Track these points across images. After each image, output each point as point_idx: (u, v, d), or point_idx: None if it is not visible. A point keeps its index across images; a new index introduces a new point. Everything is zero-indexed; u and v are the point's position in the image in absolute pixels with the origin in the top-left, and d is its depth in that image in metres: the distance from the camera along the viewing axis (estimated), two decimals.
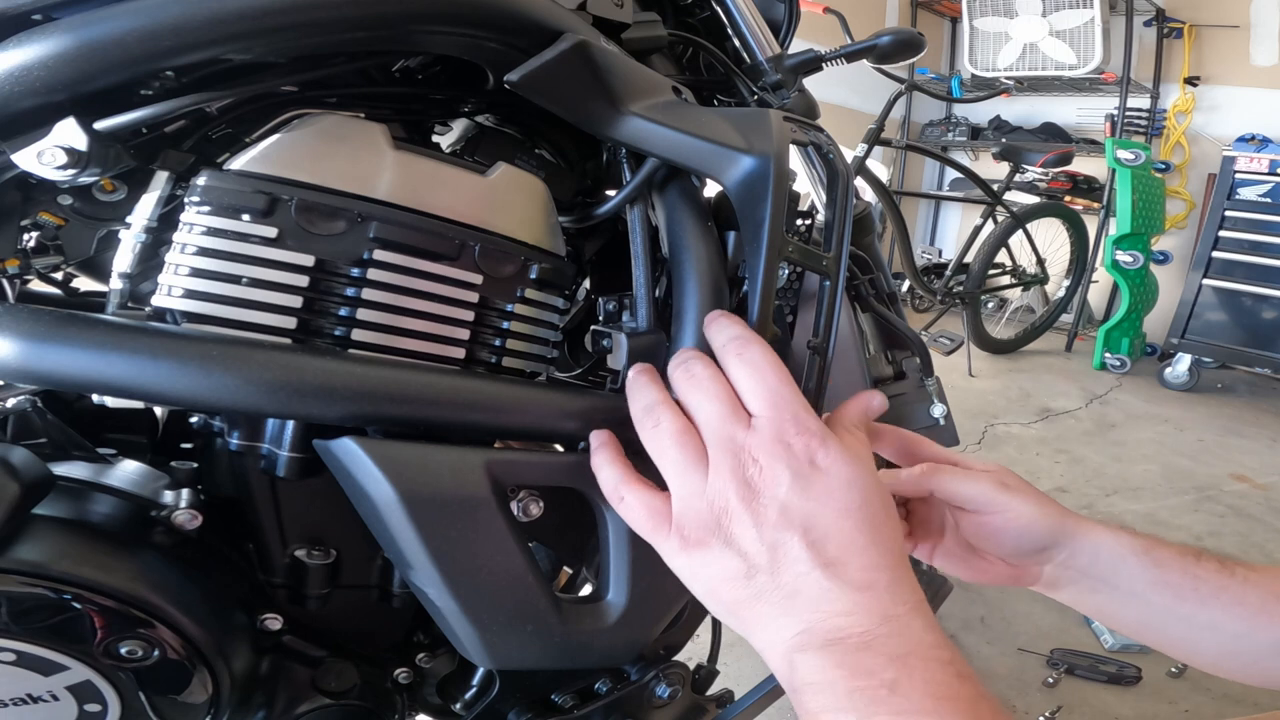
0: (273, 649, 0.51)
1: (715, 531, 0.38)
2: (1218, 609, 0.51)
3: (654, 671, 0.63)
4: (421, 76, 0.57)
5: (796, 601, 0.36)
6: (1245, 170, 3.18)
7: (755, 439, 0.38)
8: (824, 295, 0.52)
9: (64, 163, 0.40)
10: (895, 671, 0.33)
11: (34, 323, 0.38)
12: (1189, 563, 0.52)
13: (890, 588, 0.36)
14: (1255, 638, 0.51)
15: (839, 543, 0.36)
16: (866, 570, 0.36)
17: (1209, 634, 0.52)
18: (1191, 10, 3.83)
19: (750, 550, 0.37)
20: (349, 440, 0.41)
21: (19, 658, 0.41)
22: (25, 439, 0.47)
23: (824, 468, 0.37)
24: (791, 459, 0.37)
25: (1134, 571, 0.52)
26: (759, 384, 0.39)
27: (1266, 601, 0.51)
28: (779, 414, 0.38)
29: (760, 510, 0.37)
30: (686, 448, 0.39)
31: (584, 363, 0.71)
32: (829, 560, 0.36)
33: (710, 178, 0.51)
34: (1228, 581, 0.52)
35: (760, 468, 0.37)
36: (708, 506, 0.38)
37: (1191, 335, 3.35)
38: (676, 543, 0.39)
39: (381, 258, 0.46)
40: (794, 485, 0.37)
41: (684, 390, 0.41)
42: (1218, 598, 0.51)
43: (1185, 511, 2.23)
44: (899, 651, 0.34)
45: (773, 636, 0.37)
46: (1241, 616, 0.51)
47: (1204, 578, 0.52)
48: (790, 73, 0.73)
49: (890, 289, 1.15)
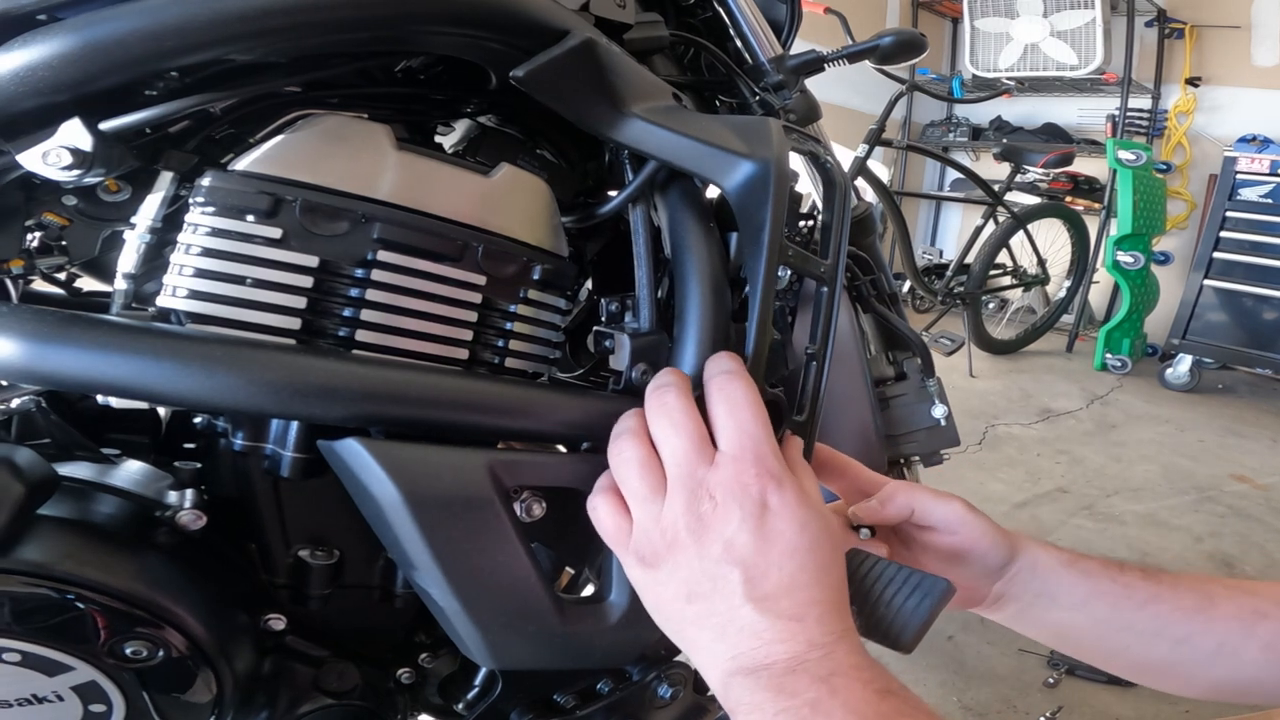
0: (275, 649, 0.52)
1: (664, 557, 0.40)
2: (1156, 614, 0.52)
3: (655, 672, 0.63)
4: (424, 77, 0.57)
5: (729, 630, 0.38)
6: (1246, 171, 3.18)
7: (715, 476, 0.40)
8: (821, 301, 0.52)
9: (69, 163, 0.40)
10: (817, 691, 0.35)
11: (38, 323, 0.38)
12: (1114, 572, 0.54)
13: (820, 619, 0.38)
14: (1196, 644, 0.51)
15: (777, 580, 0.39)
16: (801, 605, 0.38)
17: (1152, 642, 0.52)
18: (1193, 11, 3.82)
19: (692, 579, 0.40)
20: (353, 441, 0.42)
21: (24, 658, 0.41)
22: (29, 439, 0.47)
23: (775, 510, 0.40)
24: (746, 499, 0.39)
25: (1069, 583, 0.53)
26: (732, 420, 0.42)
27: (1201, 604, 0.52)
28: (743, 453, 0.41)
29: (706, 544, 0.39)
30: (646, 478, 0.42)
31: (586, 363, 0.71)
32: (763, 595, 0.38)
33: (711, 181, 0.51)
34: (1157, 589, 0.53)
35: (715, 504, 0.40)
36: (660, 534, 0.41)
37: (1192, 336, 3.35)
38: (634, 559, 0.42)
39: (385, 258, 0.46)
40: (743, 524, 0.39)
41: (654, 420, 0.43)
42: (1154, 604, 0.52)
43: (1185, 512, 2.23)
44: (823, 674, 0.36)
45: (708, 659, 0.39)
46: (1180, 621, 0.52)
47: (1133, 584, 0.53)
48: (792, 73, 0.73)
49: (891, 290, 1.15)
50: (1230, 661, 0.51)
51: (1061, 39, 3.71)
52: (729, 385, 0.43)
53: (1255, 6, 3.71)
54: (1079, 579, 0.53)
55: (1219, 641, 0.51)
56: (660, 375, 0.45)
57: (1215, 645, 0.51)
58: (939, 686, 1.40)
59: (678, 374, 0.45)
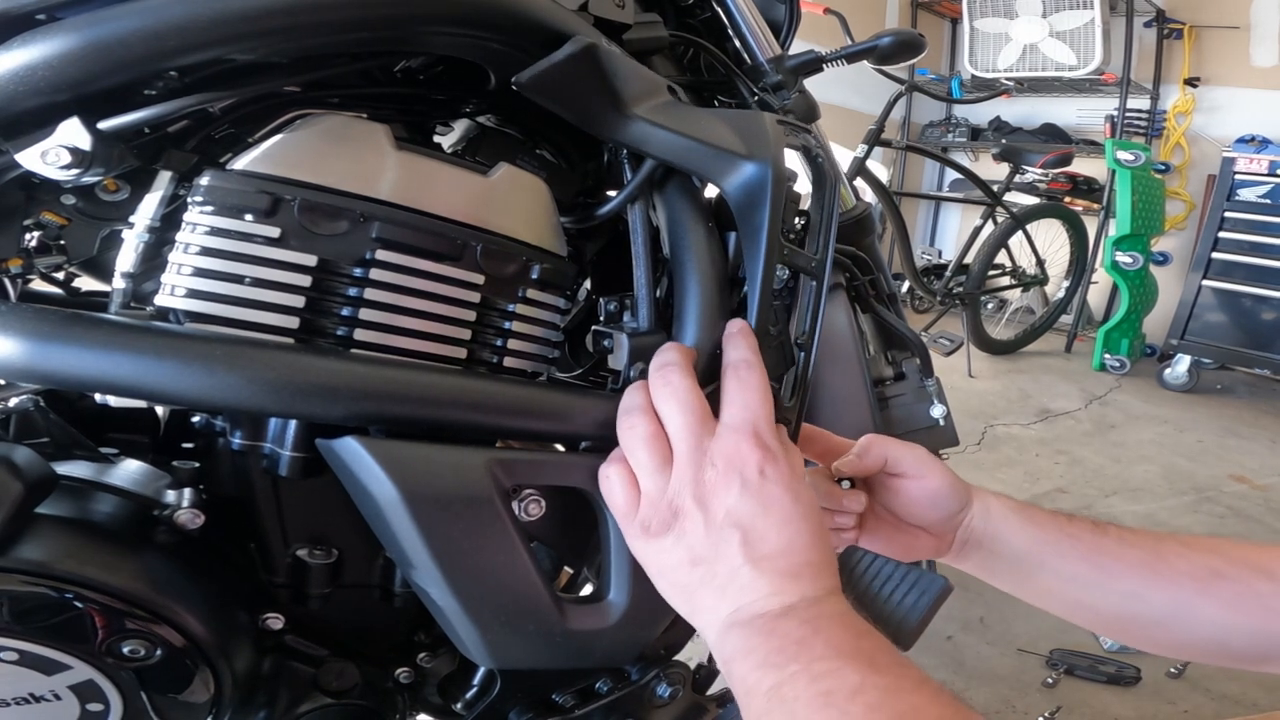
0: (274, 648, 0.52)
1: (671, 526, 0.43)
2: (1100, 565, 0.54)
3: (655, 671, 0.64)
4: (423, 77, 0.57)
5: (730, 588, 0.42)
6: (1245, 171, 3.18)
7: (717, 445, 0.43)
8: (810, 294, 0.52)
9: (68, 162, 0.40)
10: (802, 631, 0.39)
11: (37, 322, 0.38)
12: (1061, 522, 0.57)
13: (813, 578, 0.42)
14: (1148, 599, 0.53)
15: (775, 542, 0.42)
16: (796, 565, 0.42)
17: (1101, 595, 0.54)
18: (1191, 11, 3.82)
19: (697, 544, 0.43)
20: (351, 440, 0.42)
21: (21, 657, 0.41)
22: (28, 438, 0.47)
23: (772, 479, 0.43)
24: (746, 468, 0.43)
25: (1016, 531, 0.56)
26: (740, 398, 0.45)
27: (1149, 559, 0.54)
28: (744, 425, 0.44)
29: (711, 510, 0.42)
30: (654, 452, 0.44)
31: (585, 363, 0.71)
32: (761, 555, 0.42)
33: (710, 181, 0.51)
34: (1102, 540, 0.55)
35: (717, 472, 0.43)
36: (666, 504, 0.43)
37: (1191, 336, 3.35)
38: (638, 530, 0.45)
39: (384, 258, 0.46)
40: (744, 491, 0.42)
41: (659, 396, 0.46)
42: (1098, 555, 0.55)
43: (1184, 512, 2.23)
44: (809, 618, 0.40)
45: (710, 617, 0.42)
46: (1125, 574, 0.54)
47: (1079, 536, 0.55)
48: (791, 74, 0.73)
49: (890, 290, 1.15)
50: (1187, 620, 0.53)
51: (1060, 39, 3.71)
52: (746, 371, 0.46)
53: (1254, 7, 3.72)
54: (1025, 526, 0.56)
55: (1171, 598, 0.53)
56: (663, 352, 0.47)
57: (1168, 601, 0.53)
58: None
59: (680, 350, 0.47)
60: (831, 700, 0.35)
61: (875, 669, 0.37)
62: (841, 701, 0.35)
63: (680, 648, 0.69)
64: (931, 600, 0.45)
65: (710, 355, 0.49)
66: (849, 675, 0.36)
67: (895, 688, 0.36)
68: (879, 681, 0.36)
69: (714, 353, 0.49)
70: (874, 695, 0.35)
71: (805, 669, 0.37)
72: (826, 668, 0.37)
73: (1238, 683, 1.46)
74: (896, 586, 0.45)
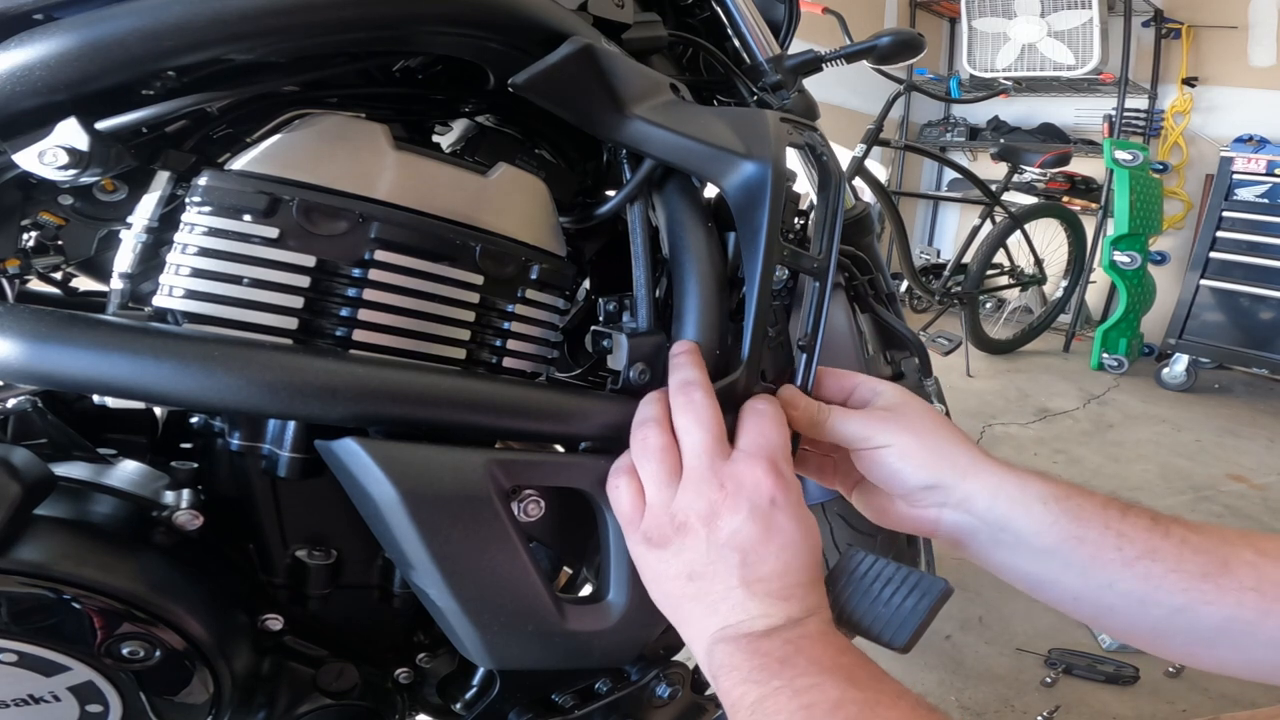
0: (274, 649, 0.51)
1: (672, 539, 0.44)
2: (1150, 576, 0.44)
3: (654, 671, 0.63)
4: (422, 77, 0.57)
5: (721, 606, 0.43)
6: (1243, 171, 3.18)
7: (730, 469, 0.44)
8: (813, 295, 0.52)
9: (65, 163, 0.40)
10: (787, 650, 0.40)
11: (35, 323, 0.38)
12: (1112, 516, 0.45)
13: (801, 598, 0.43)
14: (1197, 613, 0.43)
15: (772, 567, 0.43)
16: (788, 588, 0.43)
17: (1141, 610, 0.44)
18: (1190, 11, 3.83)
19: (696, 560, 0.44)
20: (350, 440, 0.42)
21: (20, 658, 0.40)
22: (26, 439, 0.47)
23: (781, 507, 0.44)
24: (756, 494, 0.44)
25: (1041, 520, 0.46)
26: (756, 428, 0.47)
27: (1211, 570, 0.43)
28: (759, 453, 0.45)
29: (715, 530, 0.43)
30: (665, 464, 0.45)
31: (584, 363, 0.71)
32: (757, 578, 0.43)
33: (710, 181, 0.51)
34: (1160, 543, 0.44)
35: (726, 495, 0.44)
36: (670, 518, 0.44)
37: (1189, 336, 3.35)
38: (640, 538, 0.45)
39: (382, 258, 0.46)
40: (751, 516, 0.43)
41: (679, 413, 0.46)
42: (1150, 562, 0.44)
43: (1182, 512, 2.23)
44: (793, 637, 0.41)
45: (697, 629, 0.44)
46: (1179, 589, 0.43)
47: (1130, 536, 0.44)
48: (790, 73, 0.73)
49: (889, 289, 1.16)
50: (1241, 640, 0.43)
51: (1059, 39, 3.71)
52: (762, 403, 0.49)
53: (1252, 7, 3.72)
54: (1058, 517, 0.45)
55: (1227, 617, 0.42)
56: (683, 369, 0.48)
57: (1222, 620, 0.43)
58: (937, 685, 1.41)
59: (701, 370, 0.48)
60: (812, 714, 0.37)
61: (855, 684, 0.38)
62: (821, 715, 0.37)
63: (680, 648, 0.69)
64: (932, 602, 0.44)
65: (710, 355, 0.49)
66: (829, 690, 0.38)
67: (874, 701, 0.37)
68: (858, 696, 0.37)
69: (714, 353, 0.49)
70: (853, 709, 0.37)
71: (788, 684, 0.38)
72: (808, 683, 0.38)
73: (1236, 682, 1.46)
74: (897, 589, 0.45)
